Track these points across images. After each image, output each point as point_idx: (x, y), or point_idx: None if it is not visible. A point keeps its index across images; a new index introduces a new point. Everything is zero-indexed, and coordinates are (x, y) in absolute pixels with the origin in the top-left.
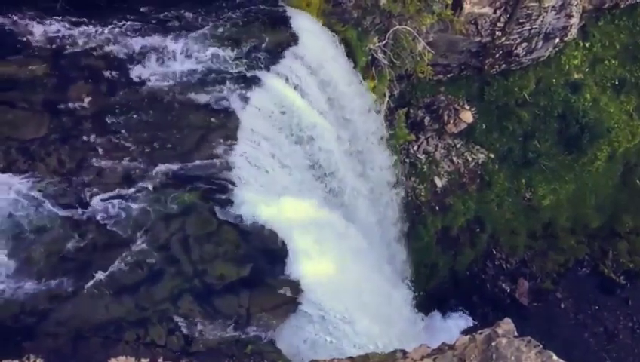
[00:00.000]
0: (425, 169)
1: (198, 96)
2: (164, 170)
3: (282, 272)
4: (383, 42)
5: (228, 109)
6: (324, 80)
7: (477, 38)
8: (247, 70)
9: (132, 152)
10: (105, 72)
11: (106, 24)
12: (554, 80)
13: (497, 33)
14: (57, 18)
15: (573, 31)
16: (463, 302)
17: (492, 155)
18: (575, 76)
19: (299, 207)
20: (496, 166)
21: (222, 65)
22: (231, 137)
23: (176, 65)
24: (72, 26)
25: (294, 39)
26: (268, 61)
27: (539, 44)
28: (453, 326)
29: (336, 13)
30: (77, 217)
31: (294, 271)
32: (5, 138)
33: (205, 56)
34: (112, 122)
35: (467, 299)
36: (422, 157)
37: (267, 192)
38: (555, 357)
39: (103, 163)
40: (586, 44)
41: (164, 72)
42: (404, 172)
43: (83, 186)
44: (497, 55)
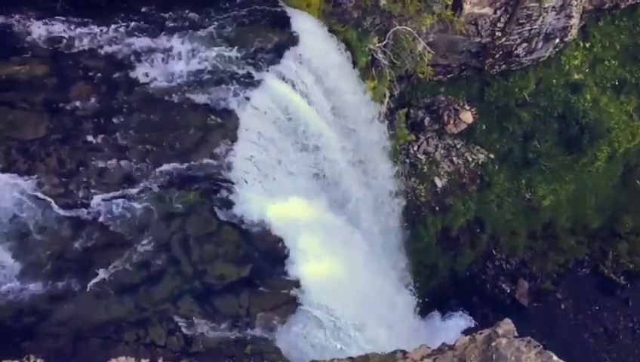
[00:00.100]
0: (425, 169)
1: (198, 96)
2: (164, 170)
3: (282, 273)
4: (383, 43)
5: (228, 109)
6: (329, 88)
7: (477, 39)
8: (246, 70)
9: (132, 152)
10: (105, 73)
11: (107, 24)
12: (554, 80)
13: (497, 33)
14: (57, 18)
15: (573, 31)
16: (463, 303)
17: (492, 156)
18: (575, 76)
19: (307, 208)
20: (496, 166)
21: (222, 65)
22: (231, 138)
23: (175, 65)
24: (73, 26)
25: (294, 39)
26: (268, 61)
27: (539, 45)
28: (453, 326)
29: (336, 13)
30: (76, 217)
31: (295, 272)
32: (5, 138)
33: (205, 56)
34: (112, 122)
35: (467, 300)
36: (422, 157)
37: (273, 194)
38: (555, 358)
39: (103, 163)
40: (586, 45)
41: (163, 73)
42: (404, 172)
43: (83, 186)
44: (497, 55)
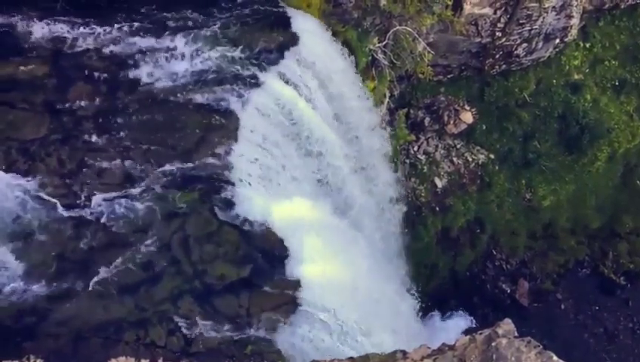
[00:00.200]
0: (425, 169)
1: (199, 96)
2: (164, 170)
3: (282, 273)
4: (384, 43)
5: (229, 110)
6: (332, 93)
7: (477, 39)
8: (248, 70)
9: (132, 153)
10: (105, 73)
11: (107, 24)
12: (554, 80)
13: (497, 34)
14: (58, 18)
15: (573, 31)
16: (463, 303)
17: (492, 156)
18: (575, 77)
19: (311, 209)
20: (496, 166)
21: (222, 65)
22: (232, 138)
23: (175, 65)
24: (73, 27)
25: (295, 40)
26: (268, 61)
27: (539, 45)
28: (453, 326)
29: (336, 13)
30: (76, 218)
31: (297, 272)
32: (5, 138)
33: (205, 56)
34: (113, 122)
35: (467, 300)
36: (422, 157)
37: (277, 194)
38: (555, 358)
39: (104, 163)
40: (587, 45)
41: (165, 73)
42: (404, 173)
43: (83, 186)
44: (497, 56)
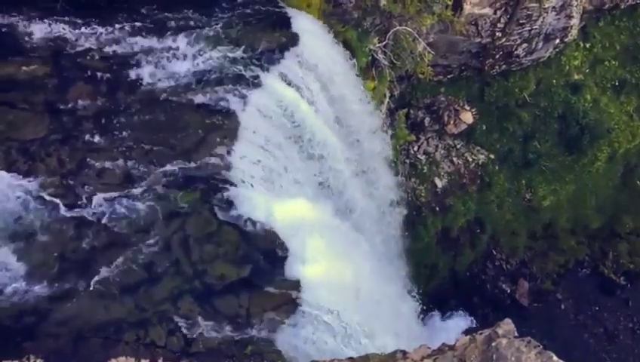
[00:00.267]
0: (425, 170)
1: (200, 96)
2: (165, 171)
3: (283, 273)
4: (384, 43)
5: (229, 110)
6: (333, 96)
7: (477, 39)
8: (248, 71)
9: (132, 153)
10: (105, 73)
11: (107, 25)
12: (554, 81)
13: (497, 34)
14: (58, 18)
15: (573, 32)
16: (464, 303)
17: (492, 156)
18: (575, 77)
19: (313, 209)
20: (496, 167)
21: (221, 66)
22: (232, 138)
23: (175, 66)
24: (74, 27)
25: (295, 40)
26: (269, 61)
27: (539, 45)
28: (453, 326)
29: (336, 13)
30: (77, 218)
31: (298, 272)
32: (5, 138)
33: (205, 57)
34: (113, 123)
35: (467, 300)
36: (422, 157)
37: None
38: (555, 358)
39: (103, 164)
40: (587, 45)
41: (163, 73)
42: (404, 173)
43: (83, 187)
44: (497, 56)
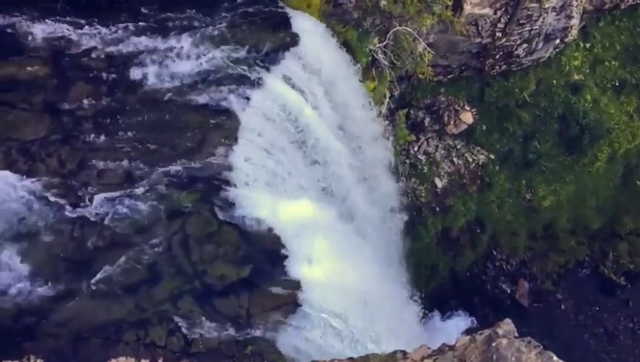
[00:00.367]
0: (425, 170)
1: (201, 96)
2: (165, 171)
3: (283, 273)
4: (384, 43)
5: (230, 110)
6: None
7: (477, 39)
8: (248, 71)
9: (133, 153)
10: (105, 73)
11: (107, 25)
12: (554, 81)
13: (498, 34)
14: (58, 19)
15: (573, 32)
16: (464, 303)
17: (492, 156)
18: (575, 77)
19: (316, 211)
20: (496, 167)
21: (222, 66)
22: (233, 139)
23: (175, 66)
24: (73, 27)
25: (295, 40)
26: (269, 62)
27: (539, 45)
28: (453, 326)
29: (336, 14)
30: (80, 218)
31: (297, 273)
32: (5, 139)
33: (206, 57)
34: (113, 123)
35: (467, 300)
36: (422, 158)
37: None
38: (556, 358)
39: (104, 164)
40: (587, 45)
41: (164, 73)
42: (404, 173)
43: (83, 187)
44: (498, 56)
